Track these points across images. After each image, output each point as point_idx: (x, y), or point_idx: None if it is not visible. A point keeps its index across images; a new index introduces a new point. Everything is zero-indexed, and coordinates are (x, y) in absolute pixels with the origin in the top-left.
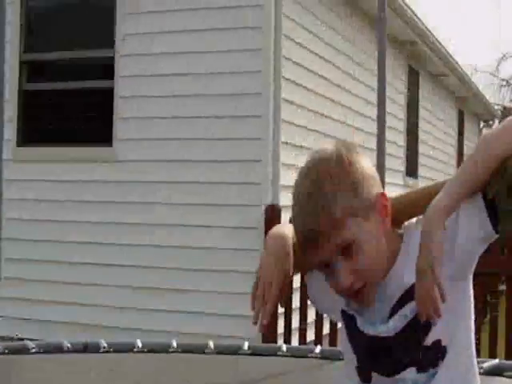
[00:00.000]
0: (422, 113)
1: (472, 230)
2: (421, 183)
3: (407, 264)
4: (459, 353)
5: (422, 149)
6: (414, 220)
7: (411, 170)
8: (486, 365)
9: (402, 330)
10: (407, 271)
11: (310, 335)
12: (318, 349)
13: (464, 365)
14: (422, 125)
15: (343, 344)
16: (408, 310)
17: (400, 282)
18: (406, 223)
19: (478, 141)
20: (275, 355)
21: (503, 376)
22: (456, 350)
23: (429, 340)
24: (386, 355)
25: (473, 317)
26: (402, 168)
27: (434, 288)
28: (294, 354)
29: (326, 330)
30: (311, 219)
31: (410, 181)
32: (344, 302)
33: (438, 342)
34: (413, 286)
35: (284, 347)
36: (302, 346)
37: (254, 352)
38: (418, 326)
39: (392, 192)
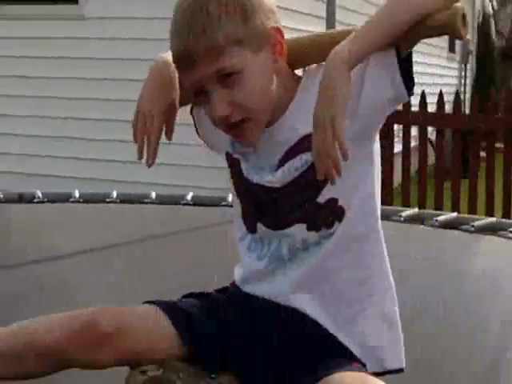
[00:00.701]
0: None
1: (381, 89)
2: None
3: (303, 111)
4: (359, 217)
5: None
6: (315, 66)
7: None
8: (404, 214)
9: (290, 183)
10: (302, 119)
11: None
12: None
13: (364, 231)
14: None
15: (231, 190)
16: (299, 162)
17: (292, 130)
18: (307, 68)
19: None
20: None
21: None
22: (356, 213)
23: (322, 197)
24: (272, 207)
25: (378, 182)
26: None
27: (334, 144)
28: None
29: None
30: (190, 40)
31: None
32: (229, 142)
33: (333, 201)
34: (307, 137)
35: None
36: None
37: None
38: (311, 181)
39: None
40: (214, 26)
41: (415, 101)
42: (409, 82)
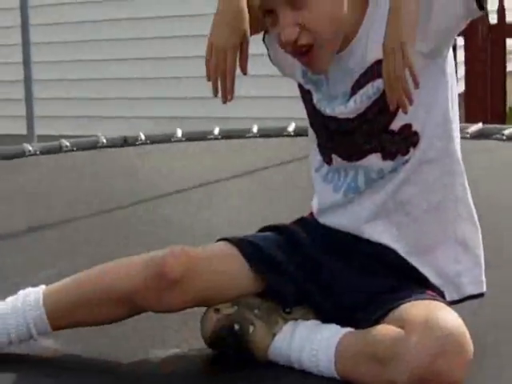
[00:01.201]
0: None
1: (452, 6)
2: None
3: (373, 35)
4: (434, 140)
5: None
6: None
7: None
8: (470, 130)
9: (363, 113)
10: (373, 43)
11: None
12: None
13: (440, 154)
14: None
15: (308, 121)
16: (371, 90)
17: (363, 56)
18: None
19: None
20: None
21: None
22: (431, 137)
23: (396, 124)
24: (346, 138)
25: (454, 102)
26: None
27: (405, 71)
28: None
29: None
30: None
31: None
32: (301, 73)
33: (407, 127)
34: (379, 62)
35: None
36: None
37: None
38: (384, 108)
39: None
40: None
41: None
42: None
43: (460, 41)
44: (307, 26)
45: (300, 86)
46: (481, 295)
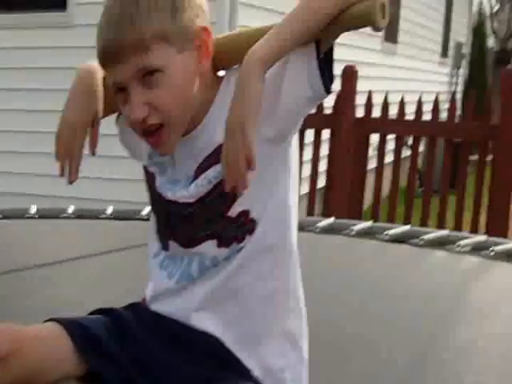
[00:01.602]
0: None
1: (300, 88)
2: (400, 49)
3: (221, 117)
4: (271, 229)
5: (404, 13)
6: (238, 66)
7: (390, 35)
8: (321, 224)
9: (203, 197)
10: (220, 126)
11: None
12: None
13: (276, 243)
14: None
15: (150, 205)
16: (212, 174)
17: (210, 138)
18: (231, 69)
19: None
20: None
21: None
22: (268, 225)
23: (234, 210)
24: (184, 224)
25: (293, 189)
26: (381, 33)
27: (243, 152)
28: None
29: None
30: (115, 31)
31: (389, 46)
32: (147, 154)
33: (244, 214)
34: (221, 146)
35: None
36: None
37: None
38: (223, 194)
39: (368, 58)
40: (143, 18)
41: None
42: (329, 79)
43: (325, 134)
44: (157, 105)
45: (144, 167)
46: None
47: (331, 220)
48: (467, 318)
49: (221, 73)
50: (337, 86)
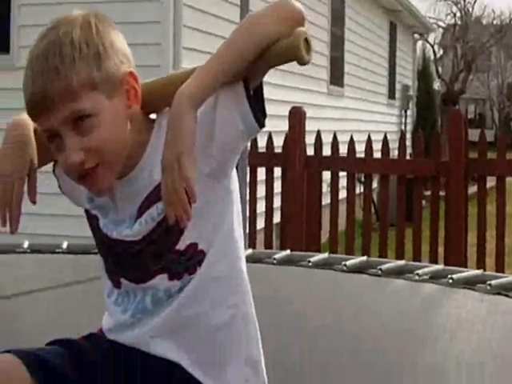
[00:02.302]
0: (348, 23)
1: (232, 124)
2: (347, 92)
3: (157, 157)
4: (220, 257)
5: (348, 58)
6: (168, 108)
7: (336, 79)
8: (277, 256)
9: (148, 234)
10: (157, 165)
11: None
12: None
13: (227, 272)
14: (348, 35)
15: (96, 247)
16: (155, 211)
17: (148, 178)
18: (162, 112)
19: (242, 23)
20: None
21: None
22: (217, 255)
23: (182, 244)
24: (134, 261)
25: (239, 221)
26: (326, 77)
27: (183, 185)
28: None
29: None
30: (43, 83)
31: (335, 89)
32: (86, 199)
33: (193, 246)
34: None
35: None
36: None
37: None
38: (169, 229)
39: (315, 100)
40: (68, 67)
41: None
42: (261, 114)
43: (277, 171)
44: (92, 148)
45: (86, 211)
46: None
47: (287, 252)
48: (429, 341)
49: (153, 115)
50: (285, 125)
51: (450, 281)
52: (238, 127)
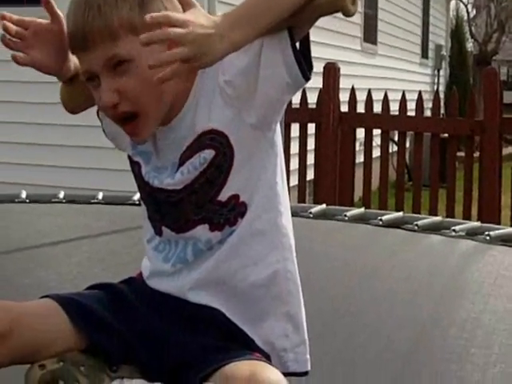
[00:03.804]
0: None
1: (277, 73)
2: (380, 50)
3: (200, 107)
4: (262, 212)
5: (382, 15)
6: None
7: (370, 36)
8: (313, 210)
9: (190, 184)
10: (200, 115)
11: None
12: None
13: (268, 227)
14: None
15: (139, 193)
16: (198, 161)
17: (191, 127)
18: None
19: None
20: None
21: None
22: (258, 207)
23: (224, 195)
24: (174, 210)
25: (282, 176)
26: (360, 34)
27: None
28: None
29: None
30: (85, 20)
31: (369, 46)
32: (130, 145)
33: (235, 198)
34: (206, 133)
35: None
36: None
37: None
38: (211, 179)
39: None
40: (111, 7)
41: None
42: (307, 66)
43: (311, 129)
44: (126, 93)
45: (129, 157)
46: (305, 373)
47: (323, 206)
48: (467, 296)
49: None
50: (319, 82)
51: (487, 238)
52: (282, 78)
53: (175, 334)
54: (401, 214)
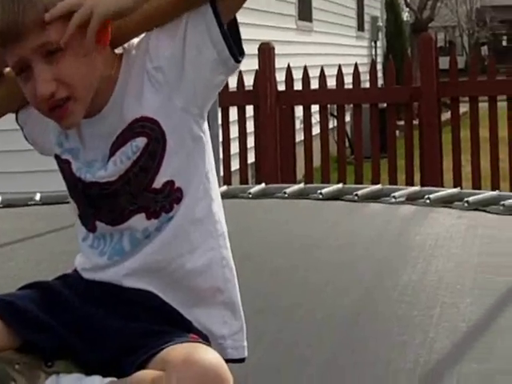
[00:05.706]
0: None
1: (202, 52)
2: (316, 27)
3: (128, 96)
4: (198, 198)
5: None
6: (135, 41)
7: (305, 14)
8: (252, 190)
9: (125, 173)
10: (128, 104)
11: None
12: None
13: (204, 214)
14: None
15: (68, 193)
16: (130, 149)
17: (120, 116)
18: (127, 45)
19: None
20: None
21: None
22: (195, 195)
23: (158, 182)
24: (109, 202)
25: (211, 162)
26: (295, 13)
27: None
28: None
29: None
30: (16, 11)
31: (304, 24)
32: (56, 144)
33: (170, 184)
34: (136, 121)
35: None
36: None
37: None
38: (145, 167)
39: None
40: None
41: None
42: (238, 50)
43: (250, 111)
44: (63, 78)
45: (57, 156)
46: (242, 360)
47: (262, 185)
48: (409, 259)
49: (118, 50)
50: (255, 64)
51: (428, 201)
52: (211, 56)
53: (112, 321)
54: (340, 185)
